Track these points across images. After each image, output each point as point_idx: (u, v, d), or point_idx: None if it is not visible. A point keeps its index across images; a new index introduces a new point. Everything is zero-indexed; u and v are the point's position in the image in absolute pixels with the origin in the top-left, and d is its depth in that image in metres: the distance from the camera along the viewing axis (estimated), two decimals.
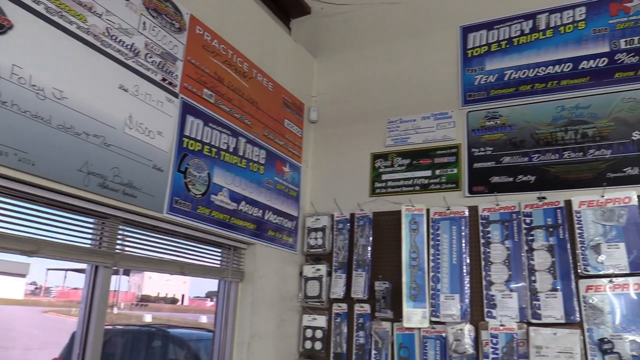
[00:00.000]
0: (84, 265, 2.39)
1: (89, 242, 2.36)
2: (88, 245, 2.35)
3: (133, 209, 2.42)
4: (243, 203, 3.18)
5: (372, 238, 3.61)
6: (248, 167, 3.28)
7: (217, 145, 3.00)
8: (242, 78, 3.30)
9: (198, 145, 2.85)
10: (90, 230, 2.37)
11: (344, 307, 3.59)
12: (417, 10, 4.01)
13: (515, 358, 2.97)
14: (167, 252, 2.79)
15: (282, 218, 3.60)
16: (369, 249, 3.59)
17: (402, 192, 3.67)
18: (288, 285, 3.64)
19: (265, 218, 3.41)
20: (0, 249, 1.96)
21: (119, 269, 2.60)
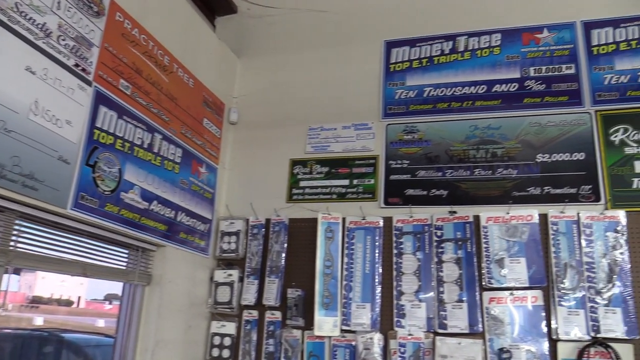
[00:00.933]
0: None
1: None
2: None
3: (33, 203, 2.20)
4: (155, 202, 3.02)
5: (287, 244, 3.57)
6: (163, 165, 3.13)
7: (130, 140, 2.83)
8: (162, 72, 3.15)
9: (110, 139, 2.67)
10: None
11: (255, 314, 3.51)
12: (343, 21, 4.05)
13: None
14: (68, 251, 2.58)
15: (195, 220, 3.47)
16: (283, 256, 3.54)
17: (319, 199, 3.67)
18: (198, 291, 3.51)
19: (178, 219, 3.27)
20: None
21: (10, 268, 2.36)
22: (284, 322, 3.41)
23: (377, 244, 3.39)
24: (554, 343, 2.94)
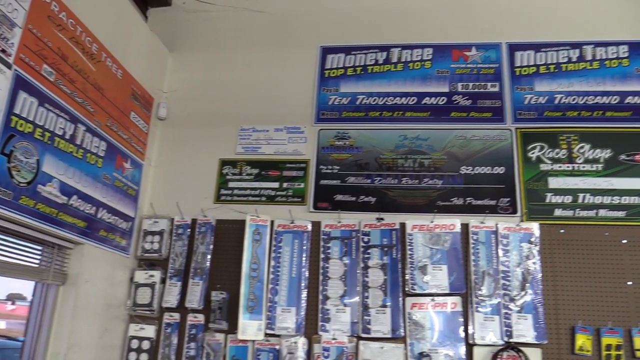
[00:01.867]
0: None
1: None
2: None
3: None
4: (75, 197, 2.85)
5: (212, 246, 3.49)
6: (85, 158, 2.96)
7: (51, 130, 2.65)
8: (89, 59, 2.99)
9: (29, 127, 2.48)
10: None
11: (177, 316, 3.40)
12: (281, 23, 4.04)
13: None
14: None
15: (116, 217, 3.31)
16: (209, 257, 3.46)
17: (248, 201, 3.62)
18: (116, 292, 3.34)
19: (98, 216, 3.10)
20: None
21: None
22: (207, 325, 3.32)
23: (304, 248, 3.39)
24: (471, 347, 3.08)
